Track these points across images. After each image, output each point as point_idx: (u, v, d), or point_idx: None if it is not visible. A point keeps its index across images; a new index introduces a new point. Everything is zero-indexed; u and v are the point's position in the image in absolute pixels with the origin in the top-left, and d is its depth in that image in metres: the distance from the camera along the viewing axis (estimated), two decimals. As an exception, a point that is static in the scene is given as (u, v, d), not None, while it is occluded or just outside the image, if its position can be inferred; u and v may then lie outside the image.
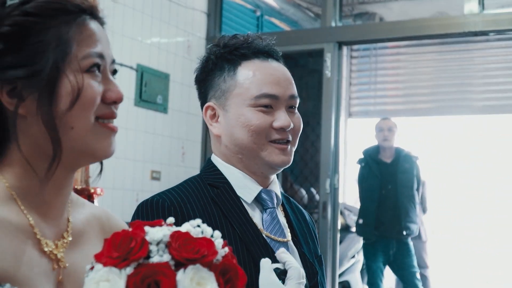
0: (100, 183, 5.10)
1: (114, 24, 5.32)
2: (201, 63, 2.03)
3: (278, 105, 1.91)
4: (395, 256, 6.85)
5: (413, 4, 8.31)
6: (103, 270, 1.06)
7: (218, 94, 1.95)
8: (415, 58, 7.92)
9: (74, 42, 1.28)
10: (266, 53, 1.97)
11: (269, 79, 1.91)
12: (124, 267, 1.05)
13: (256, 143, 1.88)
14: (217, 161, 1.98)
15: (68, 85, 1.25)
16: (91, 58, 1.29)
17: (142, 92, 5.56)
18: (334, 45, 6.02)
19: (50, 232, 1.31)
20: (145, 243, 1.07)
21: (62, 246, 1.32)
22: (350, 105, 8.38)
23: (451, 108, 7.80)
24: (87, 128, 1.28)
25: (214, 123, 1.97)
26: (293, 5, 8.50)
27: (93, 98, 1.28)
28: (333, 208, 5.89)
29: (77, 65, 1.27)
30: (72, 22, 1.29)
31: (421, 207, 8.12)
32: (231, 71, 1.93)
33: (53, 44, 1.25)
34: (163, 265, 1.05)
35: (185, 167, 6.15)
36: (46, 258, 1.28)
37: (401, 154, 7.01)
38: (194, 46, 6.36)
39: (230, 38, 1.99)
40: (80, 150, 1.30)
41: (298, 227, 2.01)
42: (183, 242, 1.09)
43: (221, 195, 1.89)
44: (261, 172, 1.94)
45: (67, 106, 1.25)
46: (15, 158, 1.29)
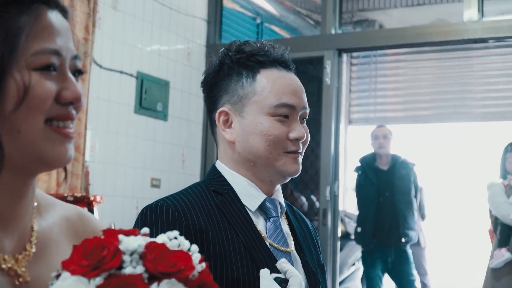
0: (100, 191, 5.13)
1: (114, 32, 5.33)
2: (212, 67, 2.01)
3: (293, 116, 1.91)
4: (394, 263, 6.83)
5: (413, 11, 8.32)
6: (71, 279, 0.98)
7: (234, 99, 1.93)
8: (415, 65, 7.93)
9: (24, 35, 1.11)
10: (283, 63, 1.96)
11: (288, 89, 1.91)
12: (93, 276, 0.97)
13: (272, 152, 1.88)
14: (222, 167, 1.97)
15: (13, 84, 1.10)
16: (44, 56, 1.13)
17: (142, 99, 5.57)
18: (334, 52, 6.03)
19: (9, 246, 1.18)
20: (118, 252, 0.99)
21: (24, 259, 1.19)
22: (350, 112, 8.38)
23: (450, 115, 7.80)
24: (37, 132, 1.13)
25: (227, 128, 1.94)
26: (293, 12, 8.51)
27: (42, 98, 1.12)
28: (333, 215, 5.89)
29: (25, 62, 1.11)
30: (23, 12, 1.12)
31: (419, 214, 8.12)
32: (250, 77, 1.92)
33: (1, 37, 1.10)
34: (136, 277, 0.97)
35: (185, 174, 6.15)
36: (5, 276, 1.15)
37: (398, 161, 7.00)
38: (194, 53, 6.36)
39: (243, 44, 1.98)
40: (30, 156, 1.14)
41: (301, 236, 2.00)
42: (159, 254, 1.02)
43: (225, 202, 1.88)
44: (270, 181, 1.93)
45: (12, 107, 1.10)
46: None
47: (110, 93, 5.26)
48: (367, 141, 7.17)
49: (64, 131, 1.17)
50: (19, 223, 1.20)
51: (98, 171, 5.09)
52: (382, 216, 6.78)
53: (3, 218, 1.17)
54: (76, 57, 1.20)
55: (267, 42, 1.99)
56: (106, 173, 5.21)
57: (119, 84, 5.37)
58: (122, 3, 5.41)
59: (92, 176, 5.01)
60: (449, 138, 10.82)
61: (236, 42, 2.00)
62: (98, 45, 5.08)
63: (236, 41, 2.00)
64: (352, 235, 7.74)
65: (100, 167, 5.13)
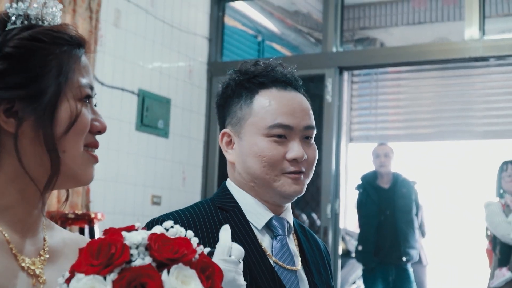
0: (100, 208, 5.12)
1: (116, 49, 5.34)
2: (221, 88, 2.01)
3: (292, 136, 1.88)
4: (395, 282, 6.80)
5: (414, 29, 8.34)
6: (86, 278, 1.05)
7: (234, 121, 1.94)
8: (416, 84, 7.92)
9: (72, 71, 1.33)
10: (284, 82, 1.94)
11: (284, 109, 1.89)
12: (107, 273, 1.04)
13: (268, 174, 1.87)
14: (231, 186, 1.97)
15: (67, 110, 1.30)
16: (86, 88, 1.35)
17: (144, 116, 5.57)
18: (335, 70, 6.04)
19: (26, 250, 1.32)
20: (125, 248, 1.07)
21: (40, 262, 1.33)
22: (351, 130, 8.37)
23: (451, 133, 7.79)
24: (77, 153, 1.33)
25: (229, 149, 1.96)
26: (294, 30, 8.53)
27: (86, 125, 1.34)
28: (334, 233, 5.88)
29: (73, 93, 1.32)
30: (71, 52, 1.34)
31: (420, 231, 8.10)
32: (248, 99, 1.92)
33: (54, 70, 1.30)
34: (147, 267, 1.05)
35: (186, 191, 6.15)
36: (25, 273, 1.29)
37: (399, 179, 6.98)
38: (195, 71, 6.38)
39: (252, 64, 1.98)
40: (66, 174, 1.33)
41: (310, 256, 1.98)
42: (162, 243, 1.10)
43: (229, 218, 1.87)
44: (273, 201, 1.92)
45: (63, 130, 1.30)
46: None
47: (112, 110, 5.27)
48: (368, 159, 7.16)
49: (94, 155, 1.39)
50: (34, 232, 1.36)
51: (99, 188, 5.09)
52: (383, 234, 6.76)
53: (23, 225, 1.33)
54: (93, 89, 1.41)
55: (275, 61, 1.98)
56: (107, 191, 5.21)
57: (120, 101, 5.38)
58: (124, 21, 5.43)
59: (93, 194, 5.00)
60: (450, 156, 10.81)
61: (248, 62, 2.00)
62: (99, 62, 5.09)
63: (248, 62, 2.00)
64: (353, 253, 7.71)
65: (101, 184, 5.12)
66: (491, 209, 5.56)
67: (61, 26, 1.35)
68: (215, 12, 6.70)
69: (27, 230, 1.34)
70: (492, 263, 5.62)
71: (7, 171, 1.30)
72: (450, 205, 9.11)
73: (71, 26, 1.39)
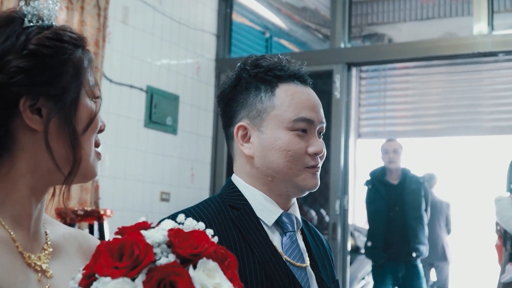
0: (109, 205, 5.14)
1: (124, 46, 5.35)
2: (229, 81, 1.99)
3: (311, 130, 1.90)
4: (404, 278, 6.79)
5: (422, 25, 8.32)
6: (114, 282, 1.04)
7: (253, 114, 1.92)
8: (424, 79, 7.91)
9: (86, 71, 1.37)
10: (301, 77, 1.96)
11: (306, 103, 1.90)
12: (135, 275, 1.04)
13: (291, 168, 1.87)
14: (238, 182, 1.96)
15: (87, 108, 1.36)
16: (95, 88, 1.40)
17: (152, 113, 5.58)
18: (343, 66, 6.04)
19: (31, 246, 1.34)
20: (149, 248, 1.07)
21: (45, 257, 1.35)
22: (359, 126, 8.36)
23: (460, 129, 7.77)
24: (91, 151, 1.38)
25: (246, 143, 1.93)
26: (302, 26, 8.52)
27: (98, 123, 1.40)
28: (342, 229, 5.87)
29: (86, 92, 1.37)
30: (81, 52, 1.38)
31: (446, 229, 8.19)
32: (268, 91, 1.91)
33: (72, 70, 1.34)
34: (173, 264, 1.05)
35: (194, 188, 6.15)
36: (31, 270, 1.30)
37: (408, 175, 6.97)
38: (203, 67, 6.38)
39: (260, 58, 1.97)
40: (82, 170, 1.36)
41: (316, 252, 1.98)
42: (182, 238, 1.10)
43: (241, 217, 1.86)
44: (287, 195, 1.92)
45: (82, 128, 1.34)
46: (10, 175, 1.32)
47: (120, 107, 5.28)
48: (376, 155, 7.15)
49: (99, 152, 1.43)
50: (37, 227, 1.38)
51: (108, 185, 5.10)
52: (392, 230, 6.75)
53: (30, 219, 1.35)
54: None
55: (283, 56, 1.98)
56: (116, 187, 5.22)
57: (129, 99, 5.38)
58: (132, 18, 5.44)
59: (102, 190, 5.01)
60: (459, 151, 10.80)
61: (252, 57, 1.99)
62: (108, 59, 5.10)
63: (252, 56, 1.99)
64: (362, 249, 7.71)
65: (110, 181, 5.13)
66: (501, 204, 5.53)
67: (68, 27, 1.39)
68: (223, 9, 6.70)
69: (32, 225, 1.35)
70: (503, 258, 5.60)
71: (20, 167, 1.31)
72: (458, 200, 9.09)
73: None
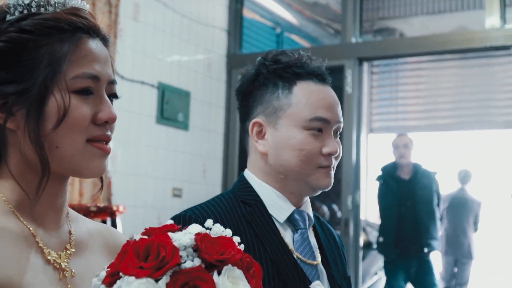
0: (122, 201, 5.15)
1: (135, 43, 5.36)
2: (248, 76, 1.98)
3: (327, 130, 1.89)
4: (417, 274, 6.78)
5: (434, 19, 8.29)
6: (137, 282, 1.04)
7: (269, 111, 1.91)
8: (436, 73, 7.88)
9: (66, 61, 1.27)
10: (320, 75, 1.94)
11: (323, 103, 1.89)
12: (159, 276, 1.04)
13: (304, 168, 1.86)
14: (251, 177, 1.95)
15: (54, 105, 1.25)
16: (82, 80, 1.28)
17: (163, 109, 5.58)
18: (355, 61, 6.02)
19: (52, 243, 1.32)
20: (175, 250, 1.06)
21: (65, 256, 1.32)
22: (371, 121, 8.34)
23: (472, 123, 7.74)
24: (75, 149, 1.28)
25: (260, 140, 1.92)
26: (313, 21, 8.51)
27: (80, 120, 1.27)
28: (355, 225, 5.86)
29: (65, 85, 1.26)
30: (66, 40, 1.28)
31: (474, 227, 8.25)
32: (286, 89, 1.89)
33: (45, 62, 1.25)
34: (198, 269, 1.05)
35: (206, 184, 6.16)
36: (51, 267, 1.28)
37: (419, 170, 6.95)
38: (214, 63, 6.38)
39: (280, 54, 1.96)
40: (66, 169, 1.30)
41: (327, 248, 1.98)
42: (209, 244, 1.09)
43: (253, 214, 1.86)
44: (300, 193, 1.92)
45: (53, 125, 1.25)
46: (8, 172, 1.30)
47: (132, 103, 5.29)
48: (388, 150, 7.13)
49: (103, 147, 1.32)
50: (59, 224, 1.36)
51: (120, 181, 5.11)
52: (404, 226, 6.73)
53: (44, 217, 1.32)
54: (113, 82, 1.35)
55: (304, 53, 1.96)
56: (128, 184, 5.23)
57: (140, 95, 5.39)
58: (143, 15, 5.44)
59: (114, 187, 5.03)
60: (471, 146, 10.76)
61: (273, 52, 1.97)
62: (119, 56, 5.10)
63: (273, 51, 1.98)
64: (374, 244, 7.71)
65: (122, 178, 5.14)
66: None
67: (59, 13, 1.29)
68: (234, 5, 6.70)
69: (51, 223, 1.33)
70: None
71: (14, 164, 1.30)
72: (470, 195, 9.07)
73: (84, 11, 1.34)
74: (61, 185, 1.35)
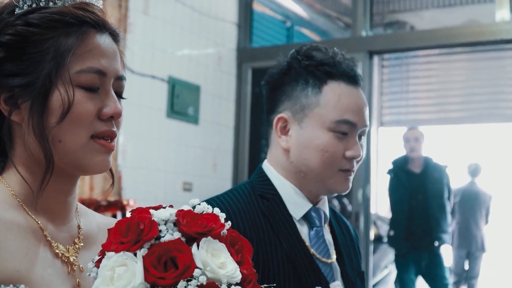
0: (132, 195, 5.16)
1: (145, 37, 5.36)
2: (279, 68, 1.96)
3: (353, 133, 1.87)
4: (427, 267, 6.77)
5: (444, 12, 8.26)
6: (116, 256, 1.06)
7: (296, 107, 1.89)
8: (447, 67, 7.86)
9: (70, 55, 1.26)
10: (352, 77, 1.91)
11: (352, 106, 1.86)
12: (137, 249, 1.05)
13: (326, 170, 1.85)
14: (270, 171, 1.93)
15: (59, 99, 1.25)
16: (87, 74, 1.27)
17: (174, 103, 5.59)
18: (365, 54, 6.01)
19: (60, 237, 1.32)
20: (154, 224, 1.08)
21: (74, 251, 1.33)
22: (381, 114, 8.32)
23: (483, 116, 7.72)
24: (77, 144, 1.27)
25: (284, 135, 1.91)
26: (323, 15, 8.49)
27: (83, 115, 1.27)
28: (365, 218, 5.86)
29: (69, 79, 1.26)
30: (72, 34, 1.27)
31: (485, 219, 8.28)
32: (316, 87, 1.87)
33: (50, 55, 1.25)
34: (176, 241, 1.06)
35: (217, 178, 6.16)
36: (59, 260, 1.29)
37: (430, 163, 6.94)
38: (224, 57, 6.38)
39: (314, 48, 1.93)
40: (70, 163, 1.29)
41: (343, 244, 1.98)
42: (190, 219, 1.11)
43: (271, 208, 1.85)
44: (317, 194, 1.91)
45: (57, 119, 1.25)
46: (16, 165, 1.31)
47: (142, 97, 5.29)
48: (399, 143, 7.13)
49: (106, 144, 1.31)
50: (67, 219, 1.36)
51: (130, 175, 5.12)
52: (415, 219, 6.73)
53: (52, 211, 1.32)
54: (121, 78, 1.33)
55: (339, 51, 1.94)
56: (139, 178, 5.23)
57: (150, 89, 5.40)
58: (153, 9, 5.44)
59: (124, 181, 5.04)
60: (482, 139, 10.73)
61: (307, 45, 1.95)
62: (129, 50, 5.10)
63: (307, 44, 1.95)
64: (385, 238, 7.70)
65: (132, 172, 5.15)
66: None
67: (67, 7, 1.29)
68: (244, -2, 6.69)
69: (59, 217, 1.33)
70: None
71: (19, 157, 1.31)
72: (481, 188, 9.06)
73: (93, 5, 1.34)
74: (70, 184, 1.35)
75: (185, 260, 1.04)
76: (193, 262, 1.04)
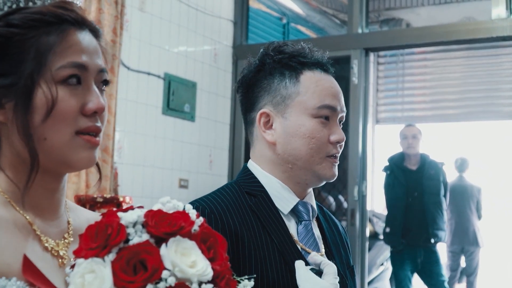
0: (129, 191, 5.16)
1: (142, 33, 5.36)
2: (252, 66, 1.99)
3: (333, 118, 1.91)
4: (423, 264, 6.79)
5: (440, 9, 8.28)
6: (85, 262, 1.06)
7: (277, 100, 1.91)
8: (443, 64, 7.88)
9: (51, 53, 1.28)
10: (325, 65, 1.96)
11: (330, 91, 1.91)
12: (105, 254, 1.05)
13: (313, 156, 1.87)
14: (255, 168, 1.95)
15: (42, 97, 1.26)
16: (67, 69, 1.29)
17: (170, 100, 5.59)
18: (361, 51, 6.01)
19: (50, 232, 1.34)
20: (121, 227, 1.07)
21: (64, 245, 1.34)
22: (377, 111, 8.35)
23: (479, 114, 7.74)
24: (62, 141, 1.29)
25: (268, 130, 1.92)
26: (319, 12, 8.50)
27: (67, 111, 1.28)
28: (361, 215, 5.87)
29: (51, 76, 1.27)
30: (53, 32, 1.29)
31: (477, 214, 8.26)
32: (293, 78, 1.91)
33: (31, 55, 1.27)
34: (144, 243, 1.06)
35: (213, 175, 6.17)
36: (49, 254, 1.30)
37: (427, 161, 6.94)
38: (220, 54, 6.38)
39: (282, 45, 1.97)
40: (56, 160, 1.30)
41: (331, 239, 1.99)
42: (159, 219, 1.10)
43: (259, 204, 1.86)
44: (306, 184, 1.92)
45: (41, 117, 1.26)
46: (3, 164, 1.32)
47: (138, 94, 5.29)
48: (395, 140, 7.14)
49: (91, 139, 1.32)
50: (56, 215, 1.37)
51: (126, 172, 5.12)
52: (411, 216, 6.74)
53: (42, 209, 1.33)
54: (103, 71, 1.34)
55: (305, 44, 1.98)
56: (135, 174, 5.24)
57: (146, 86, 5.40)
58: (149, 5, 5.44)
59: (120, 177, 5.04)
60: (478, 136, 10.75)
61: (274, 43, 1.98)
62: (125, 47, 5.10)
63: (274, 42, 1.99)
64: (381, 235, 7.72)
65: (128, 168, 5.15)
66: None
67: (46, 6, 1.32)
68: (240, -5, 6.69)
69: (47, 213, 1.35)
70: None
71: (6, 156, 1.33)
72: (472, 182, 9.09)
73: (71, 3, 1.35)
74: (57, 182, 1.36)
75: (153, 263, 1.04)
76: (161, 264, 1.04)
